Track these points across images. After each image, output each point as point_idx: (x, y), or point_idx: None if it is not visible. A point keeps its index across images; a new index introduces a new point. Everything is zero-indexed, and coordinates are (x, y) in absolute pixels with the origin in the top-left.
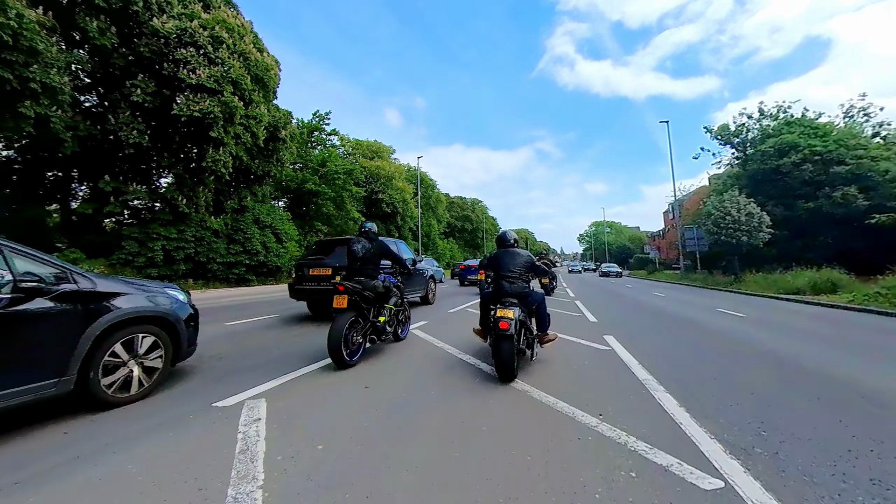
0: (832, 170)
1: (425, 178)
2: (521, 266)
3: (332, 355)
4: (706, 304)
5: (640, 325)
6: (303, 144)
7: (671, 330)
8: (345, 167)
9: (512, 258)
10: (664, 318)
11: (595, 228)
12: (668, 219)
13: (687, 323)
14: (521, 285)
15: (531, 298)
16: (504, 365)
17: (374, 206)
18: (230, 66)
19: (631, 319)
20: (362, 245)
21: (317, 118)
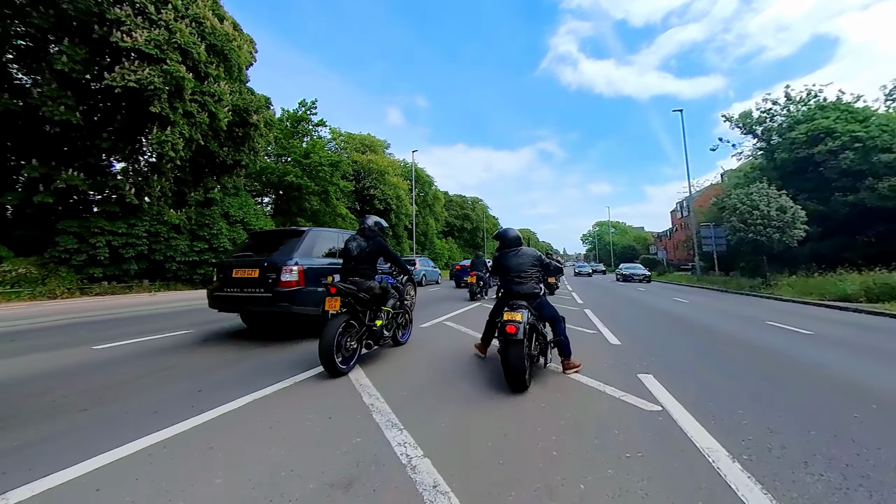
0: (876, 158)
1: (421, 173)
2: (530, 265)
3: (325, 363)
4: (745, 313)
5: (681, 351)
6: (287, 135)
7: (731, 359)
8: (330, 159)
9: (519, 258)
10: (707, 337)
11: (599, 228)
12: (675, 218)
13: (746, 347)
14: (532, 286)
15: (543, 307)
16: (514, 372)
17: (365, 203)
18: (176, 30)
19: (665, 340)
20: (357, 243)
21: (303, 107)
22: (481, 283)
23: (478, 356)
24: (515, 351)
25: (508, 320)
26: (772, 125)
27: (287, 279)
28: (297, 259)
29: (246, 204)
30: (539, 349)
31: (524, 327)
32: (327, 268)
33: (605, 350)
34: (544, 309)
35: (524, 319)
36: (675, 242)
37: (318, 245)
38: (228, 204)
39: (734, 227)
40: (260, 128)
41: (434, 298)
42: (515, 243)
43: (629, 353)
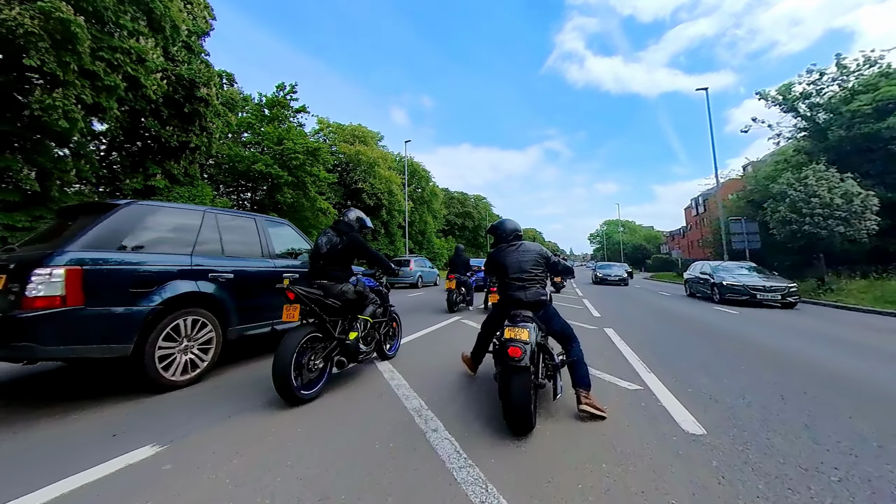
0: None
1: (417, 167)
2: (534, 263)
3: (280, 388)
4: (843, 337)
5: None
6: (261, 121)
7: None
8: (306, 146)
9: (521, 254)
10: (851, 397)
11: (607, 227)
12: (690, 215)
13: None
14: (537, 290)
15: (551, 318)
16: (517, 409)
17: (354, 198)
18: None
19: (777, 408)
20: (328, 238)
21: (280, 91)
22: (462, 290)
23: (468, 372)
24: (520, 382)
25: (511, 340)
26: (820, 100)
27: (37, 294)
28: (73, 254)
29: (200, 194)
30: (546, 373)
31: (531, 349)
32: (149, 271)
33: (673, 446)
34: (553, 321)
35: (531, 338)
36: (690, 241)
37: (137, 229)
38: (177, 194)
39: (783, 218)
40: (214, 104)
41: (421, 305)
42: (514, 237)
43: (734, 475)
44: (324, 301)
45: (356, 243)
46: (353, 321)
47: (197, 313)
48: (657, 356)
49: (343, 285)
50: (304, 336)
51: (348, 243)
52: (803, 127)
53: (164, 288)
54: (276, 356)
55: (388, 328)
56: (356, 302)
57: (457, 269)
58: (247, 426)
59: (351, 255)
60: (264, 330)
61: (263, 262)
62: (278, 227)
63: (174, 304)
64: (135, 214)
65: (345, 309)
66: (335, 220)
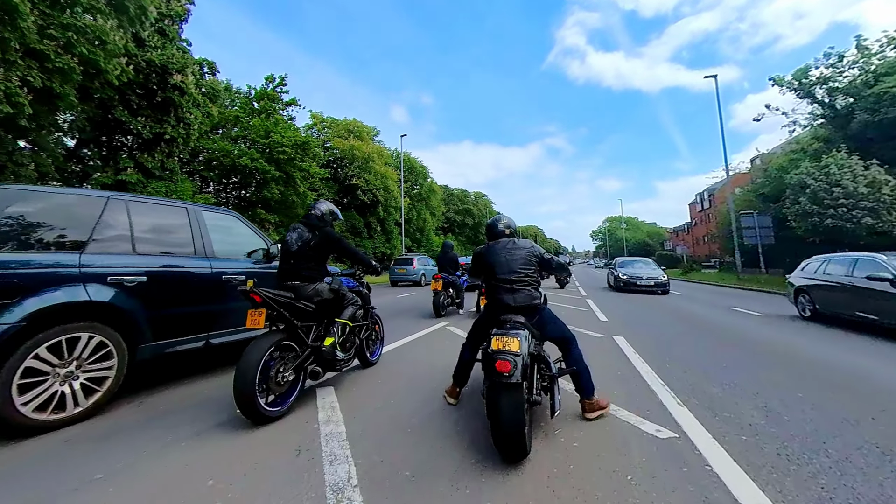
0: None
1: (415, 163)
2: (525, 262)
3: (242, 404)
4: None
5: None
6: (248, 113)
7: None
8: (294, 139)
9: (510, 252)
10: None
11: (610, 224)
12: (695, 211)
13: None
14: (529, 293)
15: (547, 324)
16: (508, 431)
17: (348, 194)
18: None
19: None
20: (298, 234)
21: (270, 83)
22: (451, 291)
23: (447, 402)
24: (510, 400)
25: (498, 351)
26: (839, 84)
27: None
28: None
29: (179, 190)
30: (540, 387)
31: (523, 362)
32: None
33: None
34: (548, 326)
35: (522, 349)
36: (695, 237)
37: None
38: (153, 189)
39: (803, 210)
40: (191, 93)
41: (396, 309)
42: (504, 234)
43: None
44: (294, 304)
45: (330, 238)
46: (329, 326)
47: (86, 328)
48: (685, 378)
49: (317, 285)
50: (271, 344)
51: (321, 239)
52: (821, 114)
53: (30, 299)
54: (238, 368)
55: (370, 332)
56: (332, 303)
57: (444, 268)
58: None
59: (325, 252)
60: (195, 346)
61: (196, 262)
62: (222, 220)
63: (48, 318)
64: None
65: (319, 312)
66: (305, 214)
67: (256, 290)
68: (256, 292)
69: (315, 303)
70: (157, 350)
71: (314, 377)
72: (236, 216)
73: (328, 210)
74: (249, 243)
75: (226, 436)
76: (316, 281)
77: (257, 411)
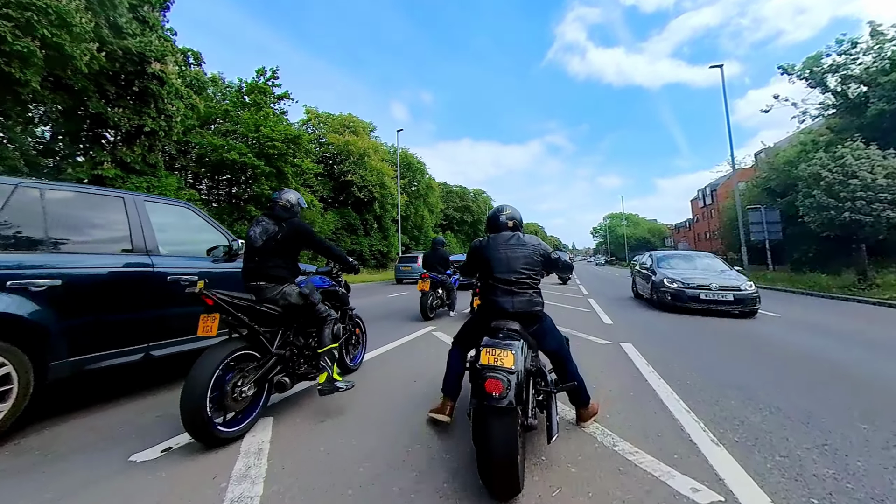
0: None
1: (412, 159)
2: (529, 262)
3: (190, 425)
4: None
5: None
6: (238, 107)
7: None
8: (285, 133)
9: (512, 249)
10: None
11: (610, 221)
12: (697, 207)
13: None
14: (531, 297)
15: (546, 335)
16: (497, 464)
17: (343, 191)
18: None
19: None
20: (262, 228)
21: (261, 76)
22: (440, 292)
23: (435, 420)
24: (501, 427)
25: (489, 367)
26: (852, 71)
27: None
28: None
29: (161, 185)
30: (536, 406)
31: (518, 380)
32: None
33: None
34: (547, 338)
35: (518, 365)
36: (696, 233)
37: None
38: (133, 184)
39: (817, 203)
40: (172, 83)
41: (383, 312)
42: (507, 227)
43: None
44: (256, 307)
45: (299, 231)
46: (301, 331)
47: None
48: (714, 399)
49: (285, 287)
50: (228, 354)
51: (289, 232)
52: (833, 103)
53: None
54: (186, 383)
55: (350, 335)
56: (301, 311)
57: (433, 266)
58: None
59: (293, 247)
60: (131, 360)
61: (133, 260)
62: (170, 212)
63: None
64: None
65: (286, 317)
66: (269, 205)
67: (208, 292)
68: (208, 294)
69: (281, 306)
70: (77, 367)
71: (280, 389)
72: (191, 208)
73: (296, 199)
74: (208, 239)
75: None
76: (285, 282)
77: (209, 432)
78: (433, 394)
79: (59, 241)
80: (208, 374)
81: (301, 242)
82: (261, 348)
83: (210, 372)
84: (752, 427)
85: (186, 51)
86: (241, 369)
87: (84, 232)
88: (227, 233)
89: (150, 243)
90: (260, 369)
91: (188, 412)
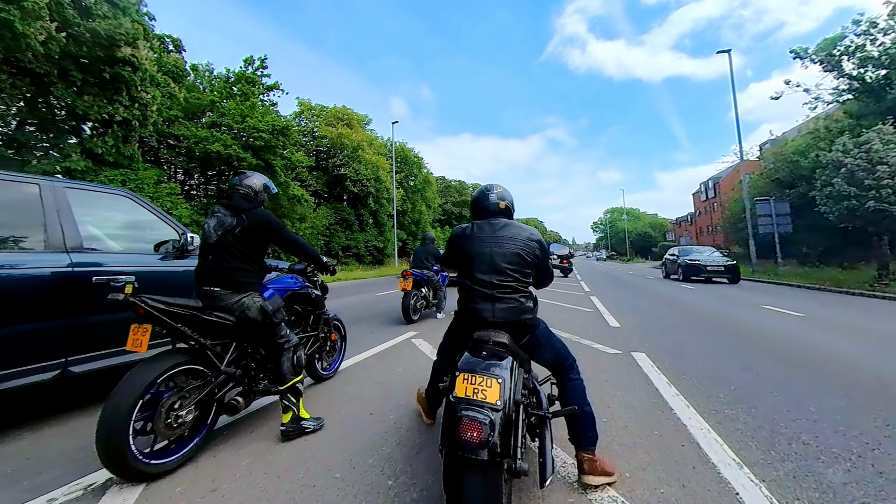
0: None
1: (409, 153)
2: (518, 258)
3: (105, 456)
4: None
5: None
6: (223, 97)
7: None
8: (272, 125)
9: (499, 243)
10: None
11: (611, 215)
12: (699, 200)
13: None
14: (518, 303)
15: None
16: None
17: (337, 185)
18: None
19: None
20: (218, 220)
21: (249, 66)
22: (424, 291)
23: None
24: (480, 485)
25: (465, 402)
26: (870, 53)
27: None
28: None
29: (139, 178)
30: (529, 427)
31: (503, 419)
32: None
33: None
34: (543, 350)
35: (504, 396)
36: (698, 227)
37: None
38: (106, 177)
39: (836, 192)
40: (145, 69)
41: (367, 313)
42: (496, 211)
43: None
44: (201, 317)
45: (262, 223)
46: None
47: None
48: (768, 441)
49: (244, 298)
50: (164, 370)
51: (249, 225)
52: (850, 88)
53: None
54: (105, 406)
55: (323, 342)
56: (259, 327)
57: (420, 262)
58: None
59: (256, 243)
60: (42, 377)
61: (40, 258)
62: (101, 200)
63: None
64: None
65: (240, 329)
66: (227, 191)
67: (136, 299)
68: (137, 302)
69: (236, 317)
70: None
71: (231, 411)
72: (132, 196)
73: (262, 185)
74: (157, 234)
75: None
76: (247, 291)
77: (128, 465)
78: (397, 434)
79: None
80: (134, 394)
81: (266, 237)
82: (208, 363)
83: (136, 392)
84: (826, 486)
85: (165, 36)
86: (180, 388)
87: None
88: (179, 225)
89: (73, 239)
90: (205, 388)
91: (104, 440)
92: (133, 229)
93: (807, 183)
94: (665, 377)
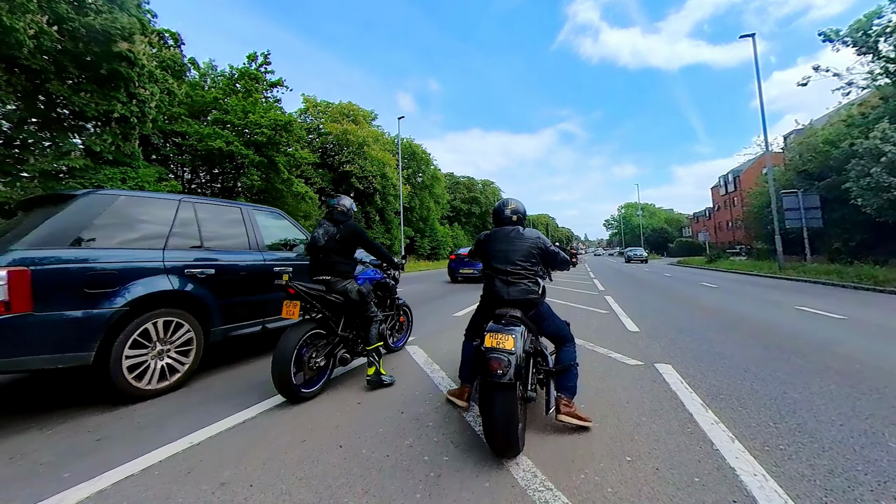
0: None
1: (416, 149)
2: (526, 255)
3: (278, 385)
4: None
5: None
6: (226, 93)
7: None
8: (274, 120)
9: (510, 242)
10: None
11: (625, 211)
12: (718, 194)
13: None
14: (526, 286)
15: (544, 319)
16: (500, 431)
17: (342, 182)
18: None
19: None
20: (325, 230)
21: (252, 62)
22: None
23: (455, 405)
24: (503, 400)
25: (492, 349)
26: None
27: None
28: (17, 254)
29: (139, 176)
30: (536, 382)
31: (517, 360)
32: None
33: None
34: (545, 323)
35: (517, 347)
36: (717, 222)
37: (98, 223)
38: (105, 176)
39: (875, 183)
40: (143, 64)
41: None
42: (511, 220)
43: None
44: (325, 297)
45: (354, 232)
46: (356, 321)
47: (172, 314)
48: (849, 494)
49: (347, 283)
50: (305, 333)
51: (346, 232)
52: (886, 71)
53: (130, 288)
54: (276, 352)
55: (395, 322)
56: (357, 305)
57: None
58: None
59: (350, 245)
60: (254, 329)
61: (251, 256)
62: (268, 217)
63: (143, 305)
64: (94, 205)
65: (346, 307)
66: (328, 210)
67: (292, 284)
68: (291, 285)
69: (345, 298)
70: (226, 333)
71: (343, 363)
72: (280, 213)
73: (349, 205)
74: (294, 237)
75: None
76: (348, 277)
77: (292, 391)
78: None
79: (209, 241)
80: (292, 346)
81: (356, 242)
82: (329, 329)
83: (294, 345)
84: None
85: (163, 31)
86: (314, 345)
87: (222, 234)
88: (305, 231)
89: (261, 242)
90: (328, 346)
91: (278, 374)
92: (279, 233)
93: (837, 174)
94: (698, 397)
